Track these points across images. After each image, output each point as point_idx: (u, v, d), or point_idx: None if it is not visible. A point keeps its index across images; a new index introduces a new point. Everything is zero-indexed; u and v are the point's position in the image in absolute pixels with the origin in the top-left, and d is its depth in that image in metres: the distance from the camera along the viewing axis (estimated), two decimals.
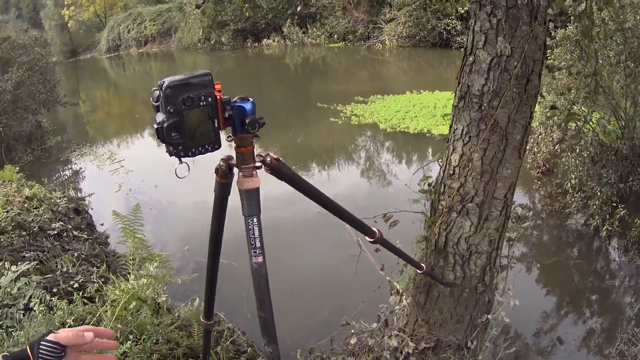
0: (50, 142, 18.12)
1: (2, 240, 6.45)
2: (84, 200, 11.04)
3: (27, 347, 1.43)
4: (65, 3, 55.20)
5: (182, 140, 1.60)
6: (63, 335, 1.46)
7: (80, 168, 15.77)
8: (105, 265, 6.53)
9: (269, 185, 1.94)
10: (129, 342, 4.36)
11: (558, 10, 3.87)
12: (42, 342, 1.43)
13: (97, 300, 5.10)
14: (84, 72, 45.60)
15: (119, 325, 4.61)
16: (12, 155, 15.74)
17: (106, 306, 4.78)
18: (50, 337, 1.45)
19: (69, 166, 16.17)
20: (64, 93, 19.66)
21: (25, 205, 8.04)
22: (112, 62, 49.35)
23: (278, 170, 1.87)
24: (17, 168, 11.26)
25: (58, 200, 9.22)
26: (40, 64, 17.78)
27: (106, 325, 4.62)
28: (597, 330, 6.68)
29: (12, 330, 4.35)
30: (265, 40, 41.02)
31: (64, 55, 54.95)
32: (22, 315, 4.64)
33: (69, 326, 4.56)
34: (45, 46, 24.04)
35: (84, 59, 54.78)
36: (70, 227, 8.12)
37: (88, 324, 4.69)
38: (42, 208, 8.17)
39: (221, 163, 1.83)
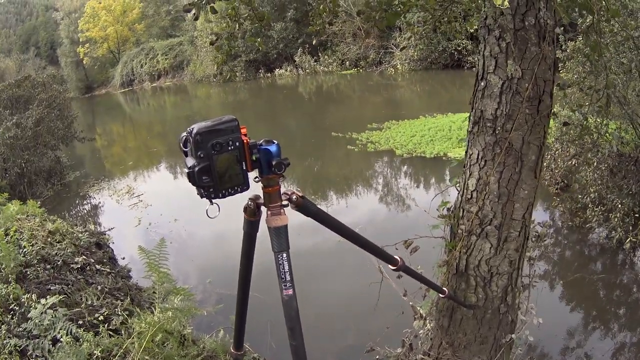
0: (69, 177, 18.35)
1: (28, 273, 6.54)
2: (105, 234, 11.12)
3: None
4: (81, 40, 55.98)
5: (213, 183, 1.67)
6: None
7: (99, 202, 15.88)
8: (129, 299, 6.59)
9: (291, 216, 2.00)
10: None
11: (569, 21, 3.90)
12: None
13: (122, 332, 5.16)
14: (100, 108, 46.01)
15: (146, 357, 4.67)
16: (34, 190, 15.93)
17: (133, 338, 4.84)
18: None
19: (88, 201, 16.29)
20: (81, 128, 19.91)
21: (49, 239, 8.13)
22: (127, 97, 49.74)
23: (304, 207, 1.93)
24: (39, 203, 11.38)
25: (80, 235, 9.30)
26: (58, 101, 18.02)
27: (134, 357, 4.68)
28: (627, 344, 6.58)
29: None
30: (277, 70, 41.25)
31: (80, 91, 55.76)
32: (50, 346, 4.73)
33: (96, 358, 4.65)
34: (62, 83, 24.39)
35: (99, 94, 55.39)
36: (92, 261, 8.20)
37: (115, 355, 4.77)
38: (65, 242, 8.25)
39: (249, 202, 1.90)
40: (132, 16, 57.74)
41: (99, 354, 4.72)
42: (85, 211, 15.52)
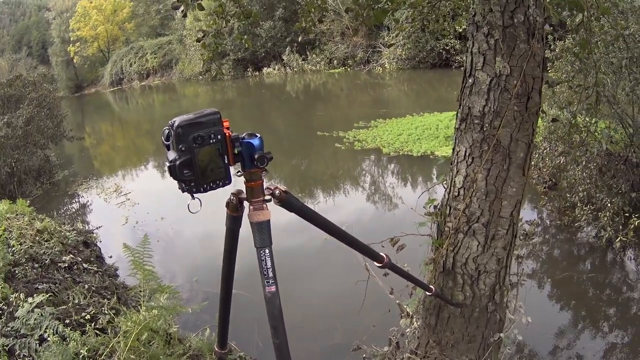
0: (58, 176, 18.34)
1: (17, 272, 6.53)
2: (93, 233, 11.11)
3: None
4: (71, 40, 55.99)
5: (194, 177, 1.64)
6: None
7: (88, 201, 15.86)
8: (115, 297, 6.56)
9: (276, 214, 1.97)
10: None
11: (558, 21, 3.90)
12: None
13: (109, 331, 5.13)
14: (89, 106, 45.95)
15: (132, 356, 4.64)
16: (23, 189, 15.92)
17: (119, 337, 4.81)
18: None
19: (77, 199, 16.27)
20: (70, 127, 19.88)
21: (37, 238, 8.13)
22: (116, 96, 49.73)
23: (287, 202, 1.90)
24: (28, 202, 11.35)
25: (67, 234, 9.29)
26: (48, 100, 18.05)
27: (119, 356, 4.65)
28: (619, 344, 6.56)
29: None
30: (265, 68, 41.40)
31: (70, 90, 55.82)
32: (37, 345, 4.70)
33: (83, 357, 4.62)
34: (52, 82, 24.37)
35: (88, 93, 55.36)
36: (80, 259, 8.19)
37: (101, 354, 4.74)
38: (53, 241, 8.24)
39: (232, 197, 1.87)
40: (123, 15, 57.77)
41: (86, 353, 4.69)
42: (74, 210, 15.50)
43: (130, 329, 4.80)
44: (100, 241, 10.77)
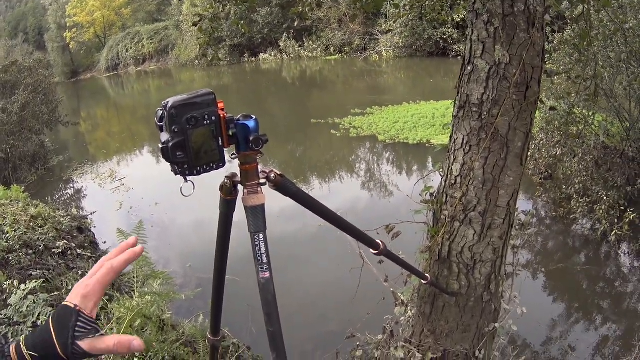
0: (53, 161, 18.32)
1: (11, 259, 6.49)
2: (87, 218, 11.07)
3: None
4: (68, 25, 55.82)
5: (187, 159, 1.60)
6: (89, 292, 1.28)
7: (82, 187, 15.83)
8: None
9: (271, 201, 1.93)
10: (135, 359, 4.37)
11: (555, 14, 3.87)
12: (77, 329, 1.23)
13: (102, 318, 5.11)
14: (85, 92, 45.84)
15: None
16: (18, 175, 15.91)
17: (112, 324, 4.79)
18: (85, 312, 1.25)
19: (71, 185, 16.23)
20: (66, 113, 19.88)
21: (31, 224, 8.09)
22: (112, 81, 49.59)
23: (282, 186, 1.87)
24: (23, 188, 11.32)
25: (62, 219, 9.26)
26: (43, 85, 18.05)
27: None
28: (612, 337, 6.56)
29: None
30: (262, 54, 41.34)
31: (66, 76, 55.67)
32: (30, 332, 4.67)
33: None
34: (48, 68, 24.25)
35: (84, 78, 55.22)
36: (74, 245, 8.16)
37: None
38: (47, 227, 8.21)
39: (226, 180, 1.83)
40: (119, 1, 57.47)
41: None
42: (68, 195, 15.48)
43: (124, 315, 4.78)
44: (95, 227, 10.74)
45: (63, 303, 1.26)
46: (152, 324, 5.09)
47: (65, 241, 8.02)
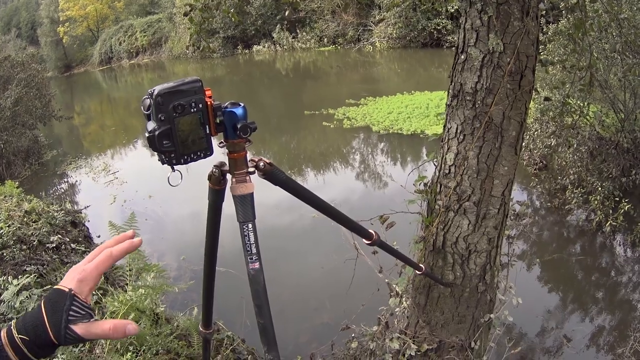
0: (47, 156, 18.27)
1: (4, 254, 6.48)
2: (81, 212, 11.03)
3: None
4: (61, 19, 55.75)
5: (174, 147, 1.57)
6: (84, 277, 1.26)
7: (76, 181, 15.79)
8: (103, 277, 6.51)
9: (263, 193, 1.90)
10: (129, 354, 4.35)
11: (550, 4, 3.84)
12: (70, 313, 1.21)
13: (96, 312, 5.07)
14: (78, 86, 45.72)
15: None
16: (12, 171, 15.86)
17: (105, 318, 4.75)
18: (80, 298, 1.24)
19: (65, 179, 16.19)
20: (59, 107, 19.85)
21: (25, 219, 8.06)
22: (105, 75, 49.53)
23: (271, 175, 1.83)
24: (17, 183, 11.27)
25: (56, 214, 9.23)
26: (36, 80, 17.98)
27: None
28: (607, 328, 6.56)
29: None
30: (255, 46, 41.24)
31: (59, 70, 55.61)
32: None
33: None
34: (41, 62, 24.20)
35: (77, 72, 55.14)
36: (68, 240, 8.13)
37: None
38: (41, 222, 8.18)
39: (214, 170, 1.80)
40: None
41: None
42: (62, 190, 15.43)
43: (117, 309, 4.76)
44: (89, 221, 10.69)
45: (56, 287, 1.24)
46: (146, 318, 5.07)
47: (59, 236, 8.00)
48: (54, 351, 1.23)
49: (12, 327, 1.20)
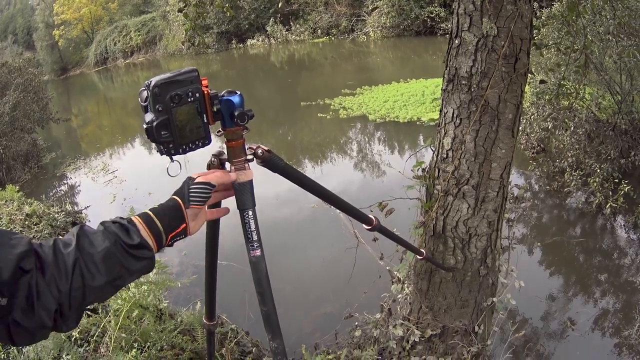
0: (46, 159, 18.24)
1: None
2: (81, 213, 11.07)
3: (174, 197, 1.62)
4: (56, 23, 55.75)
5: (172, 138, 1.58)
6: (212, 176, 1.65)
7: (76, 182, 15.77)
8: None
9: (261, 186, 1.90)
10: (134, 351, 4.36)
11: None
12: (191, 187, 1.61)
13: (100, 311, 5.09)
14: (75, 88, 45.68)
15: (123, 335, 4.61)
16: (12, 175, 15.85)
17: (109, 316, 4.77)
18: (199, 179, 1.63)
19: (65, 181, 16.17)
20: (56, 110, 19.77)
21: (27, 222, 8.10)
22: (101, 75, 49.50)
23: (270, 161, 1.84)
24: (17, 187, 11.30)
25: (56, 215, 9.27)
26: (33, 84, 17.95)
27: (111, 335, 4.61)
28: (611, 310, 6.51)
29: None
30: (249, 40, 41.19)
31: (55, 73, 55.60)
32: None
33: (75, 339, 4.59)
34: (37, 66, 24.18)
35: (73, 74, 55.08)
36: None
37: (93, 335, 4.71)
38: (42, 224, 8.23)
39: (212, 158, 1.80)
40: None
41: (77, 335, 4.66)
42: (62, 192, 15.40)
43: (121, 306, 4.77)
44: (89, 220, 10.72)
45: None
46: (150, 314, 5.08)
47: (60, 237, 8.03)
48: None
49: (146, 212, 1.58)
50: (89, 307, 4.99)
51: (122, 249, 1.42)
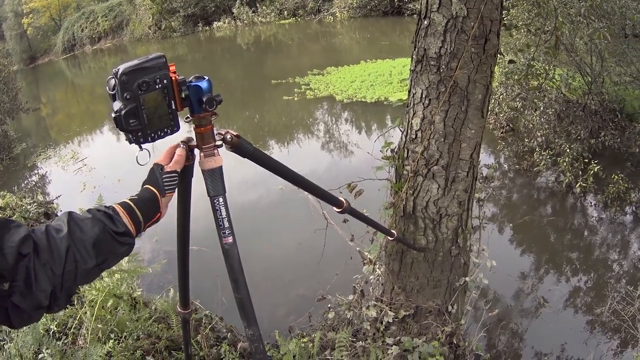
0: (17, 149, 18.02)
1: None
2: (52, 203, 10.96)
3: (150, 187, 1.70)
4: (24, 12, 55.02)
5: (141, 126, 1.57)
6: (175, 164, 1.74)
7: (46, 172, 15.60)
8: None
9: (228, 171, 1.90)
10: (111, 341, 4.34)
11: None
12: (164, 177, 1.71)
13: (75, 302, 5.07)
14: (43, 76, 45.06)
15: (99, 325, 4.60)
16: None
17: (85, 307, 4.76)
18: (167, 168, 1.72)
19: (36, 171, 16.00)
20: (26, 99, 19.57)
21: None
22: (69, 63, 48.90)
23: (239, 147, 1.84)
24: None
25: (29, 207, 9.20)
26: (3, 75, 17.74)
27: (87, 327, 4.60)
28: (584, 288, 6.59)
29: (3, 343, 4.38)
30: (215, 23, 40.80)
31: (24, 62, 54.75)
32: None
33: (53, 332, 4.58)
34: (7, 56, 23.86)
35: (42, 63, 54.31)
36: None
37: (70, 327, 4.70)
38: (15, 216, 8.18)
39: (181, 145, 1.80)
40: None
41: (55, 327, 4.65)
42: (34, 182, 15.22)
43: (95, 297, 4.75)
44: (61, 210, 10.61)
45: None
46: (124, 303, 5.07)
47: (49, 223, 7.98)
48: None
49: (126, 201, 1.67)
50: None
51: (109, 236, 1.52)
